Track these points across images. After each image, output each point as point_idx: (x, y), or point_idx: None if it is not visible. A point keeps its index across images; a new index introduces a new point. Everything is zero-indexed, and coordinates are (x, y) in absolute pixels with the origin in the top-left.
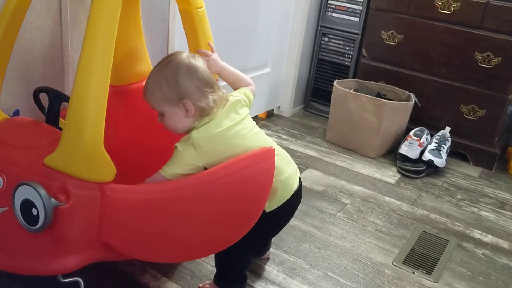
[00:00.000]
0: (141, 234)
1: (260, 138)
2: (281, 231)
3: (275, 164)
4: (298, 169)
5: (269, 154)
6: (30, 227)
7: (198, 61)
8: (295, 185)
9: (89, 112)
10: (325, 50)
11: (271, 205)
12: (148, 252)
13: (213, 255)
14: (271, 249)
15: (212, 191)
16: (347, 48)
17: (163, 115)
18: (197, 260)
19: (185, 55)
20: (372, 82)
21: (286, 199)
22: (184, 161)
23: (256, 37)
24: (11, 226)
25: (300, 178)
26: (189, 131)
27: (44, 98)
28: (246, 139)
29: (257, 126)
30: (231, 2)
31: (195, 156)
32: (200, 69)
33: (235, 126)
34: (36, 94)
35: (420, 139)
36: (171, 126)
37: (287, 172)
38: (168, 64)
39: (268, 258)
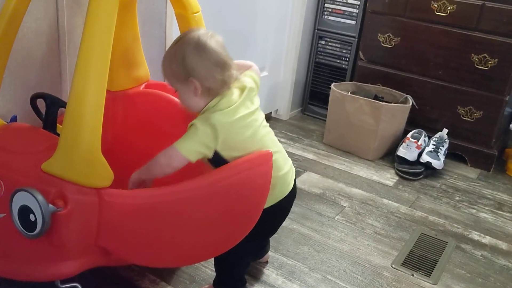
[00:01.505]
0: (140, 238)
1: (266, 132)
2: (280, 235)
3: (275, 160)
4: (293, 166)
5: (266, 157)
6: (28, 233)
7: (211, 39)
8: (292, 182)
9: (87, 117)
10: (322, 53)
11: (269, 201)
12: (146, 257)
13: (212, 258)
14: (269, 253)
15: (210, 195)
16: (344, 51)
17: (177, 91)
18: (195, 264)
19: (198, 33)
20: (369, 84)
21: (284, 196)
22: (200, 138)
23: (253, 41)
24: (9, 232)
25: (295, 175)
26: (202, 111)
27: (41, 104)
28: (256, 133)
29: (264, 119)
30: (227, 7)
31: (211, 137)
32: (210, 48)
33: (250, 116)
34: (33, 100)
35: (418, 141)
36: (184, 103)
37: (285, 169)
38: (179, 42)
39: (267, 262)
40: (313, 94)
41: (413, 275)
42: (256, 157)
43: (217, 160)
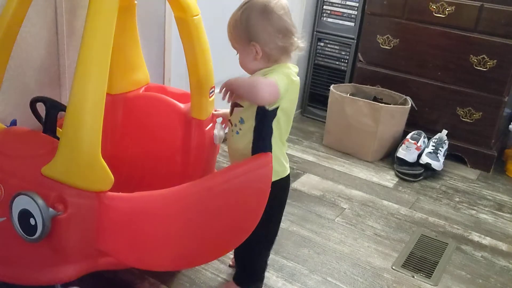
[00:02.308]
0: (140, 242)
1: None
2: (279, 237)
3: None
4: None
5: (266, 160)
6: (28, 237)
7: (277, 5)
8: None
9: (86, 121)
10: (321, 55)
11: (280, 174)
12: (146, 260)
13: (215, 260)
14: (270, 255)
15: (210, 198)
16: (343, 53)
17: (238, 53)
18: (196, 267)
19: None
20: (368, 86)
21: (287, 173)
22: (285, 79)
23: None
24: (9, 236)
25: None
26: (260, 71)
27: (41, 107)
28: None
29: None
30: (227, 9)
31: (286, 83)
32: (275, 14)
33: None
34: (33, 103)
35: (418, 142)
36: (242, 64)
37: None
38: (246, 4)
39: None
40: (313, 96)
41: (413, 277)
42: (256, 160)
43: (263, 124)
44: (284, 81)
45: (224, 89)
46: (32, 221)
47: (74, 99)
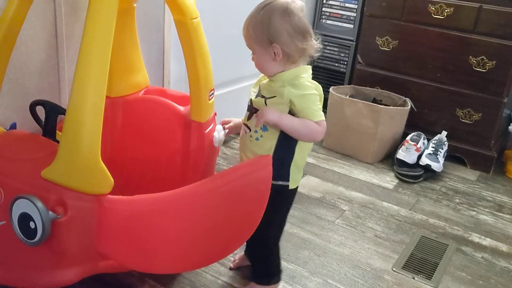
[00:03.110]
0: (140, 245)
1: None
2: (280, 239)
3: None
4: None
5: (266, 162)
6: (28, 240)
7: (297, 7)
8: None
9: (86, 124)
10: (320, 57)
11: (296, 182)
12: (147, 263)
13: (222, 261)
14: None
15: (211, 200)
16: (342, 54)
17: (254, 54)
18: (196, 270)
19: (286, 0)
20: (367, 88)
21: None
22: (316, 98)
23: None
24: (9, 239)
25: None
26: (276, 77)
27: (40, 111)
28: None
29: None
30: (226, 12)
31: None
32: (296, 16)
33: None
34: (32, 107)
35: (417, 143)
36: (259, 65)
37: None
38: (266, 6)
39: None
40: None
41: (414, 278)
42: (256, 162)
43: (289, 137)
44: (321, 105)
45: (261, 121)
46: (32, 225)
47: (74, 102)
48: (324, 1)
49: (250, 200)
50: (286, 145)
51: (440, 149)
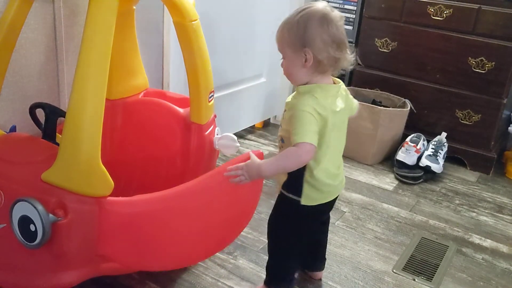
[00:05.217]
0: (141, 243)
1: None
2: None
3: (327, 169)
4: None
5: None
6: (28, 243)
7: (336, 15)
8: (333, 195)
9: (86, 126)
10: None
11: (312, 201)
12: (148, 261)
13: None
14: None
15: (208, 196)
16: None
17: (284, 58)
18: (196, 272)
19: (324, 6)
20: (367, 89)
21: (324, 201)
22: (305, 118)
23: (251, 48)
24: (9, 242)
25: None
26: (299, 89)
27: (40, 113)
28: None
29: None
30: (225, 14)
31: (315, 124)
32: (334, 24)
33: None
34: (32, 109)
35: (417, 145)
36: (288, 71)
37: (331, 182)
38: (304, 11)
39: (320, 279)
40: None
41: (414, 280)
42: (246, 157)
43: None
44: (312, 123)
45: (243, 179)
46: (32, 227)
47: (74, 105)
48: None
49: (243, 193)
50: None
51: (440, 151)
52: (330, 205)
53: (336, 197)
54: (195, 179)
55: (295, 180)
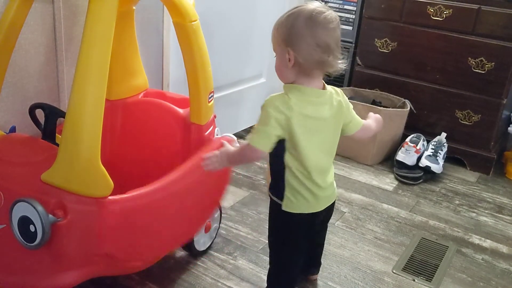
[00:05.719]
0: (139, 238)
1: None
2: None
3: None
4: (335, 193)
5: (221, 143)
6: (28, 244)
7: (325, 18)
8: (322, 206)
9: (86, 127)
10: None
11: (292, 209)
12: (146, 254)
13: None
14: None
15: (191, 183)
16: (341, 56)
17: (276, 56)
18: (196, 273)
19: (316, 7)
20: (367, 89)
21: (307, 212)
22: (266, 119)
23: (251, 48)
24: (9, 243)
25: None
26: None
27: (40, 114)
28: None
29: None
30: (225, 14)
31: (266, 131)
32: (320, 27)
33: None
34: (32, 110)
35: (417, 145)
36: (277, 68)
37: (319, 193)
38: (295, 9)
39: (316, 279)
40: None
41: (414, 280)
42: (214, 144)
43: (277, 153)
44: (268, 124)
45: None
46: (32, 228)
47: (73, 105)
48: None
49: (216, 176)
50: (275, 155)
51: (439, 151)
52: (316, 217)
53: (327, 211)
54: (179, 166)
55: (277, 180)
